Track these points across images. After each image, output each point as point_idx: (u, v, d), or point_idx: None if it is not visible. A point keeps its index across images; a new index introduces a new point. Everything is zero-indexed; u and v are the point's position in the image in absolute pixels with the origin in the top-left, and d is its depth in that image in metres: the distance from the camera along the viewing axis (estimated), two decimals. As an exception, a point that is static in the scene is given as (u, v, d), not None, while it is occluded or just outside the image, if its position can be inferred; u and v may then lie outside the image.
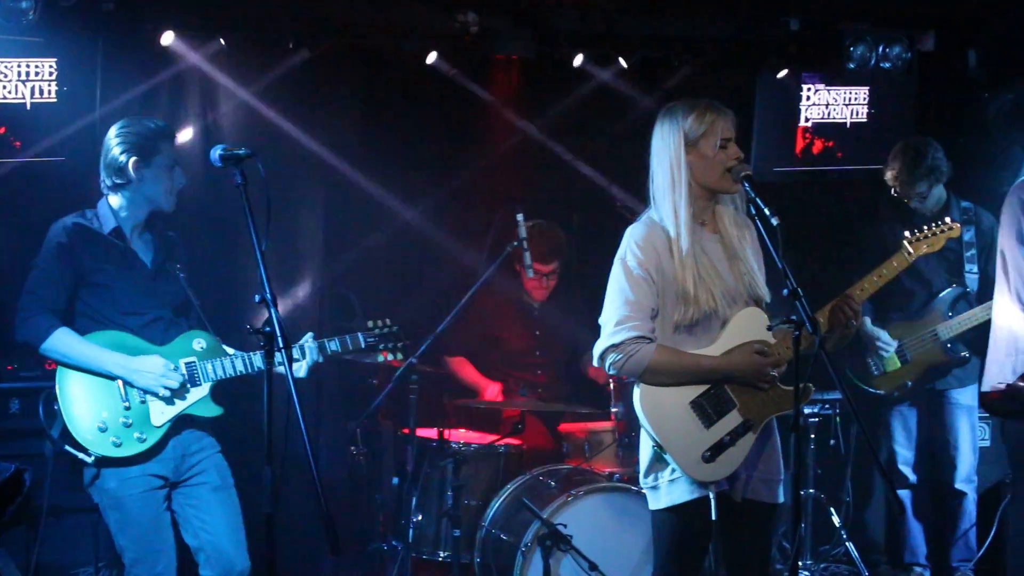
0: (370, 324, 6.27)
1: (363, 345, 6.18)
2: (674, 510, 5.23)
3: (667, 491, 5.24)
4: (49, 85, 7.01)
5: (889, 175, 7.72)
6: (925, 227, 5.88)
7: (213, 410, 5.89)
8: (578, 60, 8.46)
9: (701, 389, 5.21)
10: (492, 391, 8.08)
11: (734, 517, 5.25)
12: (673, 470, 5.20)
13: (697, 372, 5.20)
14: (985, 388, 6.20)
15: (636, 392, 5.26)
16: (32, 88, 6.97)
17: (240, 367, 5.86)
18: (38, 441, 5.94)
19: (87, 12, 6.96)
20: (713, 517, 5.15)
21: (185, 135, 7.54)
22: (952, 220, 6.00)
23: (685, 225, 5.19)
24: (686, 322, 5.21)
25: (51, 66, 7.00)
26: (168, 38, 7.38)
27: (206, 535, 5.86)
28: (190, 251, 6.21)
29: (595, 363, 5.29)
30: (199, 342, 5.89)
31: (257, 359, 5.81)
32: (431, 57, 8.17)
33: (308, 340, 5.97)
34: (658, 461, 5.24)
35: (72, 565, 7.12)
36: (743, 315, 5.26)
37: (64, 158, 7.02)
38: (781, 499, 5.39)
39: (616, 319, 5.18)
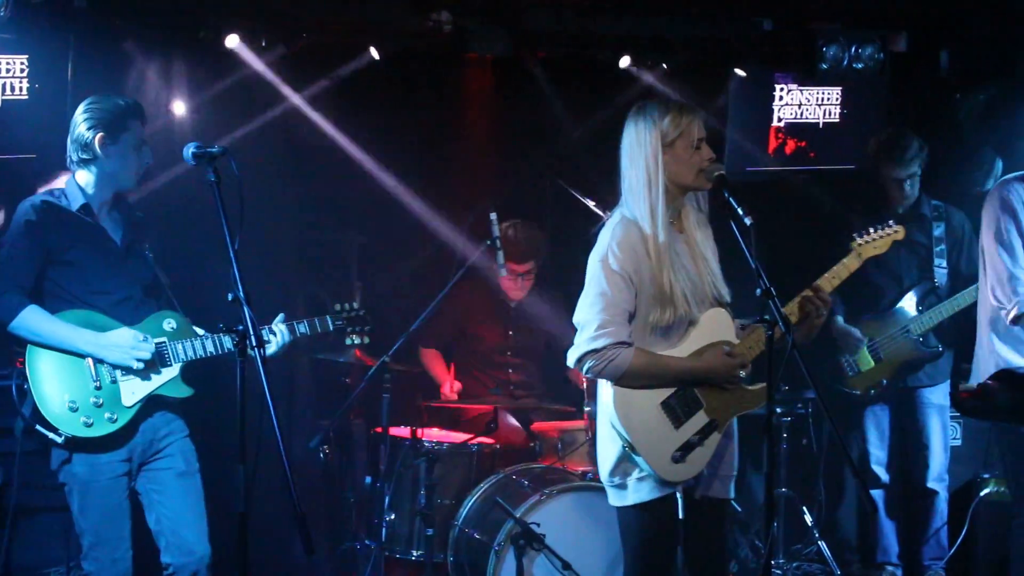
0: (337, 307, 6.30)
1: (331, 327, 6.20)
2: (642, 507, 5.26)
3: (635, 489, 5.27)
4: (20, 82, 6.96)
5: (882, 159, 7.73)
6: (871, 229, 5.89)
7: (184, 390, 5.87)
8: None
9: (671, 390, 5.25)
10: (448, 388, 8.12)
11: (692, 515, 5.29)
12: (641, 468, 5.22)
13: (673, 375, 5.24)
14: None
15: (609, 393, 5.27)
16: (3, 85, 6.93)
17: (211, 348, 5.85)
18: (10, 441, 5.90)
19: (58, 9, 6.92)
20: (680, 515, 5.19)
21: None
22: (895, 224, 6.01)
23: (662, 225, 5.21)
24: (662, 324, 5.24)
25: (23, 63, 6.95)
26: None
27: (167, 521, 5.85)
28: (164, 234, 6.17)
29: (571, 365, 5.32)
30: (169, 322, 5.87)
31: (227, 340, 5.78)
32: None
33: (279, 322, 5.99)
34: (626, 460, 5.26)
35: (43, 564, 7.09)
36: (709, 315, 5.31)
37: (35, 155, 6.97)
38: (732, 494, 5.46)
39: (596, 324, 5.19)
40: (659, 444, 5.19)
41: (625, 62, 8.51)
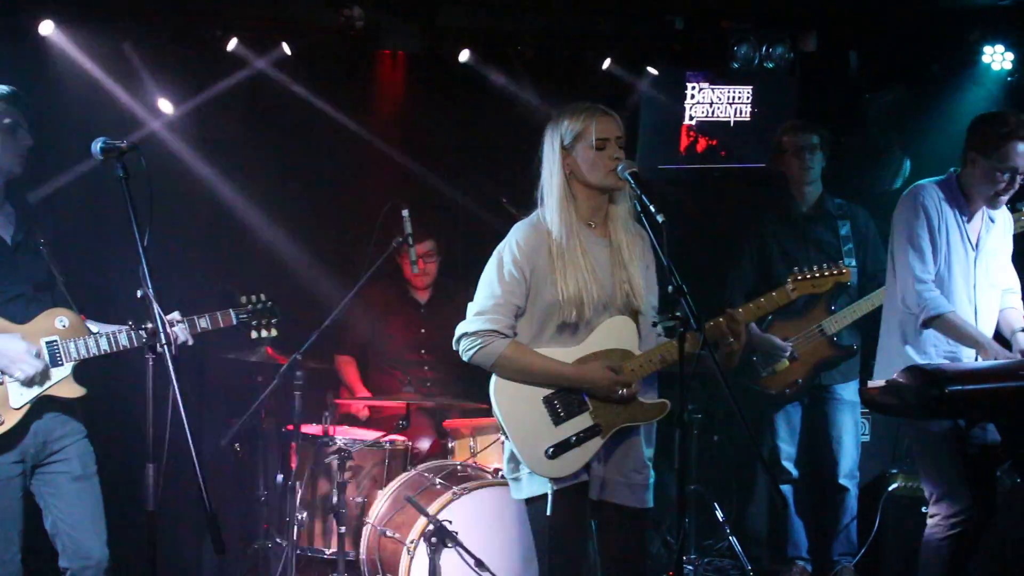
0: (243, 299, 6.10)
1: (235, 322, 6.01)
2: (537, 500, 5.30)
3: (528, 482, 5.33)
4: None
5: (782, 133, 7.83)
6: (815, 267, 5.88)
7: (75, 391, 5.72)
8: (464, 56, 8.47)
9: (556, 388, 5.30)
10: (356, 406, 8.15)
11: (602, 519, 5.38)
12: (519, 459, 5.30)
13: (546, 376, 5.27)
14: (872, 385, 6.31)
15: (492, 381, 5.33)
16: None
17: (105, 346, 5.69)
18: None
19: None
20: (548, 512, 5.22)
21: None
22: (844, 265, 6.03)
23: (566, 228, 5.27)
24: (554, 322, 5.28)
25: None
26: (47, 27, 7.29)
27: (63, 525, 5.74)
28: (65, 230, 6.06)
29: (453, 344, 5.36)
30: (62, 320, 5.71)
31: (123, 338, 5.66)
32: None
33: (174, 317, 5.77)
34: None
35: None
36: (611, 323, 5.33)
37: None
38: (649, 504, 5.45)
39: (477, 309, 5.30)
40: (533, 437, 5.25)
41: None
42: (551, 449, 5.22)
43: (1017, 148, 6.13)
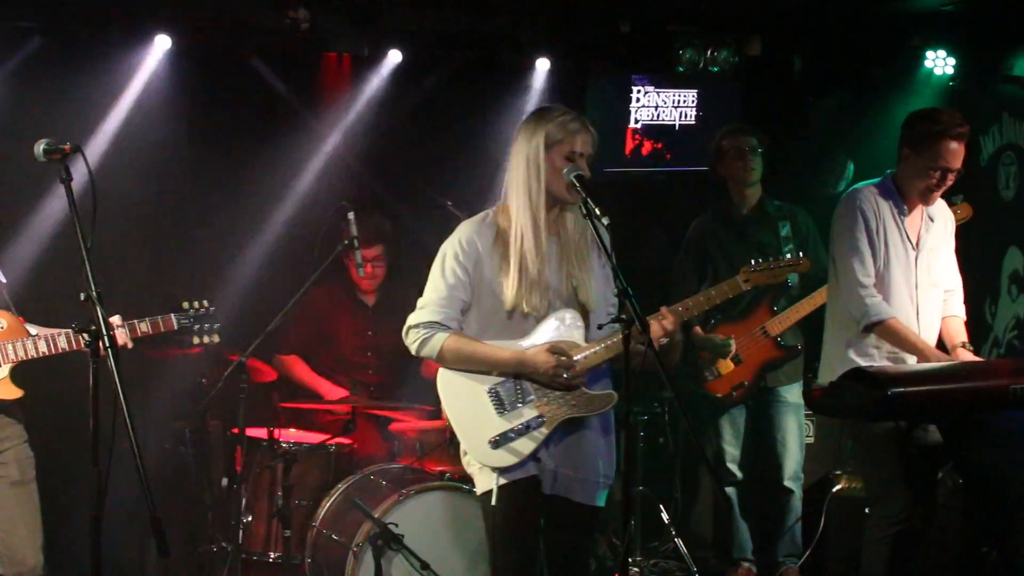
0: (185, 304, 6.09)
1: (175, 326, 6.00)
2: (488, 495, 5.30)
3: (479, 476, 5.36)
4: None
5: (721, 137, 7.85)
6: (771, 258, 5.89)
7: (12, 392, 5.70)
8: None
9: (501, 379, 5.32)
10: (334, 394, 8.06)
11: (552, 514, 5.37)
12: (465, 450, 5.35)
13: (489, 363, 5.30)
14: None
15: (439, 374, 5.39)
16: None
17: (43, 348, 5.67)
18: None
19: None
20: (493, 502, 5.24)
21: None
22: (803, 256, 6.06)
23: (531, 222, 5.27)
24: (501, 315, 5.31)
25: None
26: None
27: None
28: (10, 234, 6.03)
29: (404, 338, 5.40)
30: None
31: (62, 340, 5.65)
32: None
33: (114, 320, 5.74)
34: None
35: None
36: (558, 315, 5.34)
37: None
38: (600, 503, 5.46)
39: (422, 303, 5.38)
40: (478, 427, 5.29)
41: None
42: (495, 438, 5.24)
43: (948, 147, 6.17)
